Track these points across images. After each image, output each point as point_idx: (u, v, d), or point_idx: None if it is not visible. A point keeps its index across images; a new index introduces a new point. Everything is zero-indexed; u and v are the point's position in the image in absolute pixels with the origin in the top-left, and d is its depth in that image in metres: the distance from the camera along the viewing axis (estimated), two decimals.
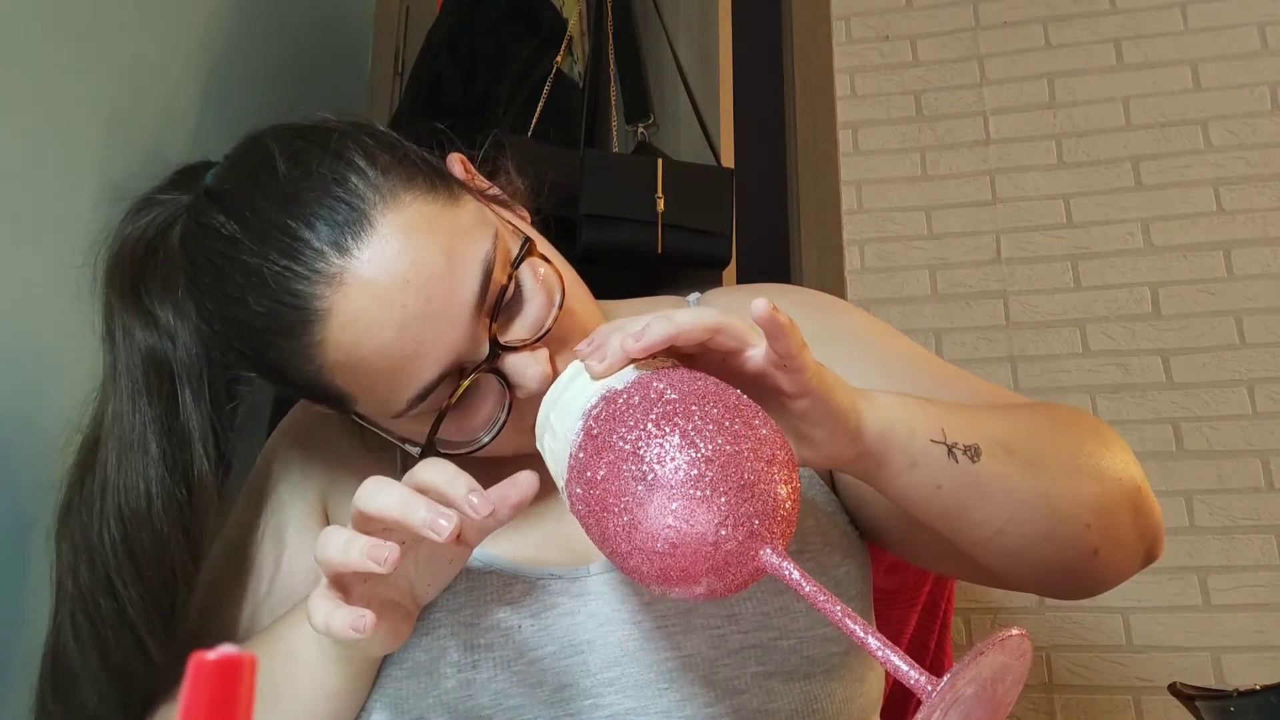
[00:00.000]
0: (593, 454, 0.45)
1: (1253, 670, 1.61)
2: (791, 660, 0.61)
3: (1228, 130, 1.86)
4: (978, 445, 0.55)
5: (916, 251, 1.94)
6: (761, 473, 0.43)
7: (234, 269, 0.57)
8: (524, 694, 0.59)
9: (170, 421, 0.63)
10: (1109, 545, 0.60)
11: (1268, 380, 1.73)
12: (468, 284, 0.56)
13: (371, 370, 0.56)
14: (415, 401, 0.57)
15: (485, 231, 0.58)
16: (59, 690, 0.63)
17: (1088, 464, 0.61)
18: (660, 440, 0.43)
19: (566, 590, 0.62)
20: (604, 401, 0.46)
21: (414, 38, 1.50)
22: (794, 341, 0.47)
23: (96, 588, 0.61)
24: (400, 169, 0.57)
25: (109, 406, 0.64)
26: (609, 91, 1.34)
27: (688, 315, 0.48)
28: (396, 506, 0.49)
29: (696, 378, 0.46)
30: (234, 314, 0.58)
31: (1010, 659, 0.38)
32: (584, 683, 0.59)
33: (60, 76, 0.93)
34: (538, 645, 0.60)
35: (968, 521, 0.57)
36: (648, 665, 0.59)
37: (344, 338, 0.55)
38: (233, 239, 0.57)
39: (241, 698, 0.22)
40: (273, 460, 0.74)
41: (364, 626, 0.49)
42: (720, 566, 0.42)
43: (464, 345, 0.56)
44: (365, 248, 0.54)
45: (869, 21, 2.08)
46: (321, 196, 0.55)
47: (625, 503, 0.43)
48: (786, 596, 0.62)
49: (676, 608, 0.61)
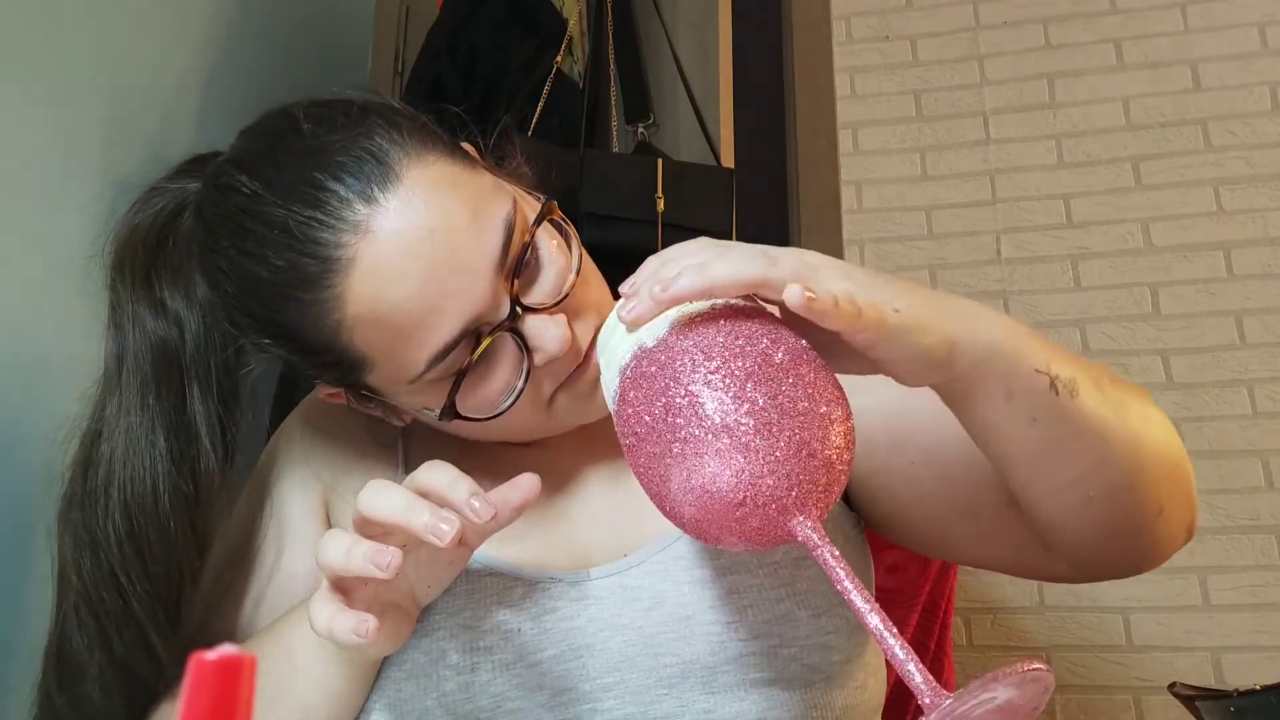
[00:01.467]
0: (628, 414, 0.45)
1: (1253, 670, 1.60)
2: (792, 668, 0.60)
3: (1228, 130, 1.86)
4: (1075, 379, 0.51)
5: (916, 251, 1.94)
6: (796, 435, 0.41)
7: (255, 224, 0.57)
8: (523, 697, 0.59)
9: (177, 415, 0.63)
10: (1170, 505, 0.57)
11: (1268, 380, 1.73)
12: (491, 239, 0.56)
13: (392, 325, 0.55)
14: (435, 360, 0.56)
15: (504, 195, 0.59)
16: (64, 683, 0.63)
17: (1158, 418, 0.58)
18: (689, 400, 0.42)
19: (567, 594, 0.61)
20: (635, 359, 0.46)
21: (414, 38, 1.50)
22: (841, 319, 0.43)
23: (101, 582, 0.61)
24: (423, 133, 0.59)
25: (112, 399, 0.63)
26: (609, 91, 1.34)
27: (725, 267, 0.45)
28: (399, 511, 0.49)
29: (729, 326, 0.44)
30: (251, 271, 0.57)
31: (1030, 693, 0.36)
32: (583, 687, 0.59)
33: (60, 76, 0.93)
34: (537, 648, 0.60)
35: (1054, 461, 0.53)
36: (647, 670, 0.59)
37: (367, 288, 0.54)
38: (255, 195, 0.57)
39: (241, 698, 0.22)
40: (274, 458, 0.73)
41: (367, 632, 0.49)
42: (748, 530, 0.42)
43: (485, 302, 0.56)
44: (392, 197, 0.55)
45: (869, 21, 2.08)
46: (348, 151, 0.56)
47: (659, 464, 0.43)
48: (788, 604, 0.61)
49: (677, 614, 0.60)
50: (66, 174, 0.92)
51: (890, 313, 0.45)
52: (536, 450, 0.68)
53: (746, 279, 0.44)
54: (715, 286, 0.44)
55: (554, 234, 0.61)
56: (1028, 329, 0.52)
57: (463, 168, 0.59)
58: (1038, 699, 0.38)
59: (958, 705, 0.34)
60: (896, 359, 0.47)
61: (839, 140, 2.02)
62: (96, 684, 0.62)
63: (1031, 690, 0.37)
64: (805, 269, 0.46)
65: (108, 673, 0.62)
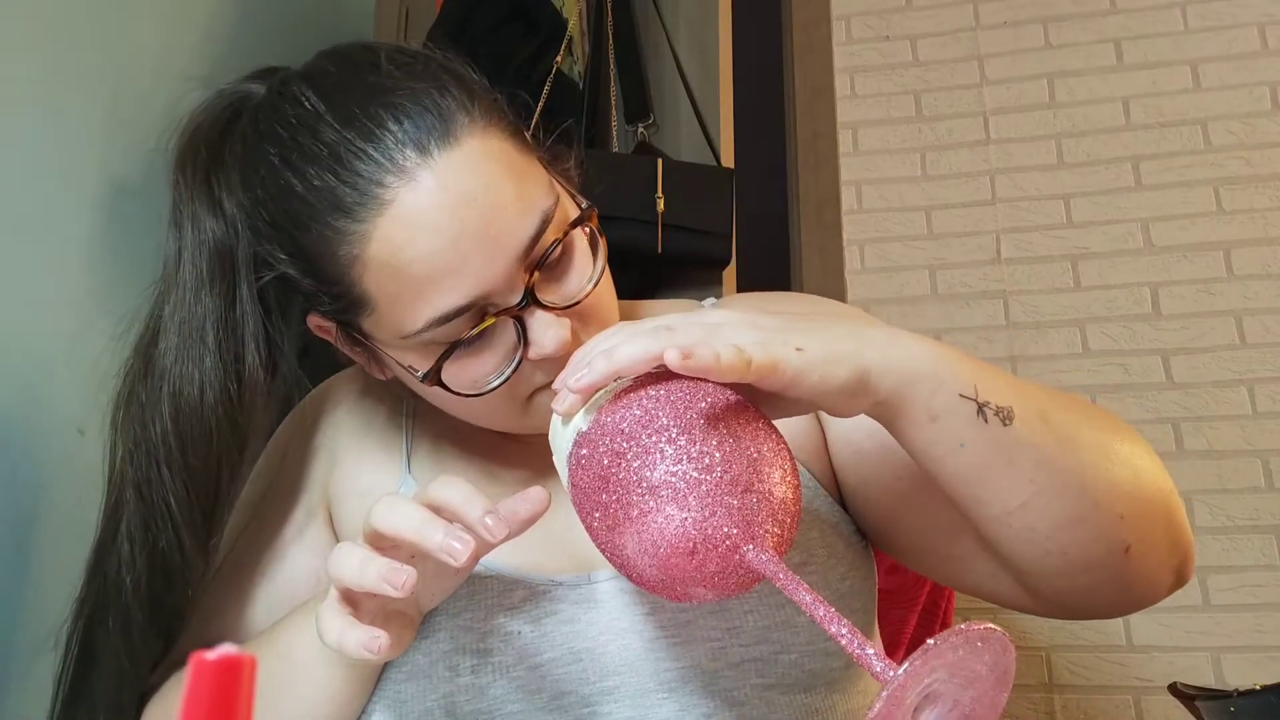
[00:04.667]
0: (581, 497, 0.47)
1: (1253, 670, 1.61)
2: (792, 674, 0.60)
3: (1228, 130, 1.86)
4: (1011, 408, 0.52)
5: (916, 251, 1.94)
6: (728, 481, 0.44)
7: (307, 139, 0.57)
8: (523, 699, 0.59)
9: (228, 313, 0.64)
10: (1143, 545, 0.56)
11: (1268, 380, 1.73)
12: (526, 225, 0.57)
13: (406, 277, 0.56)
14: (434, 324, 0.56)
15: (550, 190, 0.60)
16: (101, 607, 0.64)
17: (1124, 454, 0.57)
18: (629, 471, 0.45)
19: (568, 597, 0.61)
20: (575, 445, 0.48)
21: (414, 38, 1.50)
22: (730, 371, 0.45)
23: (147, 475, 0.63)
24: (492, 108, 0.60)
25: (169, 297, 0.64)
26: (609, 91, 1.34)
27: (629, 348, 0.47)
28: (413, 529, 0.49)
29: (655, 394, 0.47)
30: (289, 184, 0.58)
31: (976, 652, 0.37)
32: (583, 690, 0.59)
33: (60, 76, 0.93)
34: (538, 651, 0.60)
35: (989, 489, 0.53)
36: (647, 675, 0.59)
37: (395, 233, 0.55)
38: (314, 112, 0.58)
39: (241, 698, 0.22)
40: (278, 451, 0.74)
41: (378, 648, 0.49)
42: (707, 577, 0.44)
43: (501, 283, 0.56)
44: (444, 156, 0.55)
45: (869, 21, 2.08)
46: (417, 100, 0.57)
47: (617, 541, 0.45)
48: (789, 610, 0.61)
49: (678, 618, 0.61)
50: (67, 174, 0.92)
51: (792, 354, 0.47)
52: (533, 452, 0.69)
53: (648, 355, 0.46)
54: (621, 368, 0.47)
55: (585, 241, 0.61)
56: (962, 355, 0.53)
57: (519, 152, 0.60)
58: (1000, 660, 0.38)
59: (911, 676, 0.35)
60: (813, 395, 0.48)
61: (839, 140, 2.02)
62: (132, 590, 0.63)
63: (989, 651, 0.37)
64: (705, 331, 0.48)
65: (142, 566, 0.63)
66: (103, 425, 0.67)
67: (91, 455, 0.92)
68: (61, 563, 0.86)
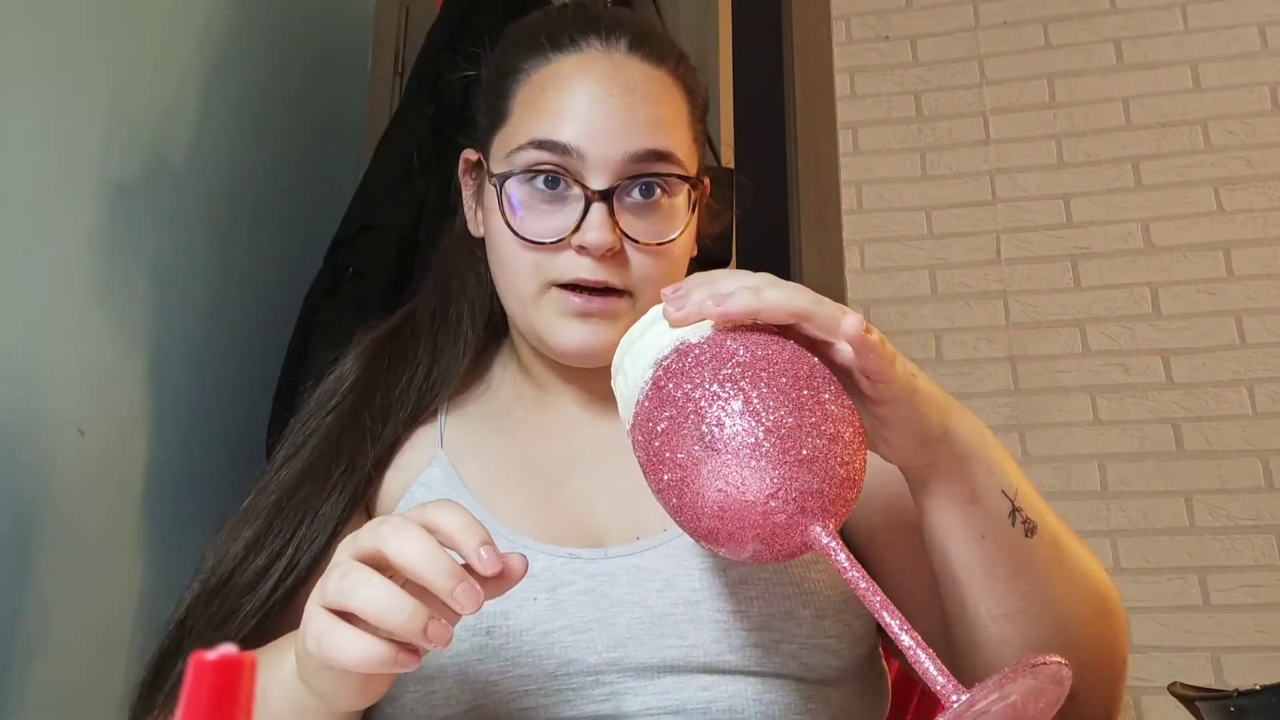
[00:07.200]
0: (657, 405, 0.45)
1: (1253, 670, 1.60)
2: (790, 664, 0.62)
3: (1228, 130, 1.86)
4: (1037, 525, 0.53)
5: (916, 251, 1.94)
6: (822, 449, 0.42)
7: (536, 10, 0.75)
8: (531, 664, 0.60)
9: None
10: (1088, 695, 0.58)
11: (1268, 380, 1.73)
12: (648, 140, 0.66)
13: (545, 100, 0.67)
14: (537, 146, 0.65)
15: (689, 151, 0.69)
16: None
17: (1111, 608, 0.59)
18: (723, 403, 0.43)
19: (584, 570, 0.63)
20: (676, 353, 0.46)
21: (414, 38, 1.50)
22: (882, 359, 0.46)
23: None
24: (686, 70, 0.72)
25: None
26: None
27: (777, 294, 0.47)
28: (424, 567, 0.45)
29: (773, 342, 0.46)
30: (510, 30, 0.73)
31: (1044, 684, 0.37)
32: (588, 659, 0.60)
33: (60, 76, 0.93)
34: (549, 619, 0.61)
35: (987, 588, 0.54)
36: (651, 650, 0.61)
37: (565, 69, 0.67)
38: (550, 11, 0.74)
39: (241, 698, 0.22)
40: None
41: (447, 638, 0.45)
42: (766, 536, 0.42)
43: (601, 164, 0.65)
44: (641, 63, 0.68)
45: (869, 21, 2.08)
46: (638, 26, 0.70)
47: (680, 459, 0.43)
48: (793, 601, 0.63)
49: (687, 597, 0.62)
50: (67, 174, 0.92)
51: (912, 374, 0.49)
52: (553, 432, 0.72)
53: (796, 308, 0.47)
54: (767, 310, 0.47)
55: (682, 202, 0.68)
56: (1008, 453, 0.54)
57: (687, 105, 0.70)
58: (1052, 694, 0.38)
59: (975, 700, 0.35)
60: (901, 421, 0.49)
61: (839, 140, 2.02)
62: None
63: (1046, 685, 0.37)
64: (841, 313, 0.48)
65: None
66: (103, 425, 0.66)
67: (91, 455, 0.92)
68: (62, 563, 0.85)
